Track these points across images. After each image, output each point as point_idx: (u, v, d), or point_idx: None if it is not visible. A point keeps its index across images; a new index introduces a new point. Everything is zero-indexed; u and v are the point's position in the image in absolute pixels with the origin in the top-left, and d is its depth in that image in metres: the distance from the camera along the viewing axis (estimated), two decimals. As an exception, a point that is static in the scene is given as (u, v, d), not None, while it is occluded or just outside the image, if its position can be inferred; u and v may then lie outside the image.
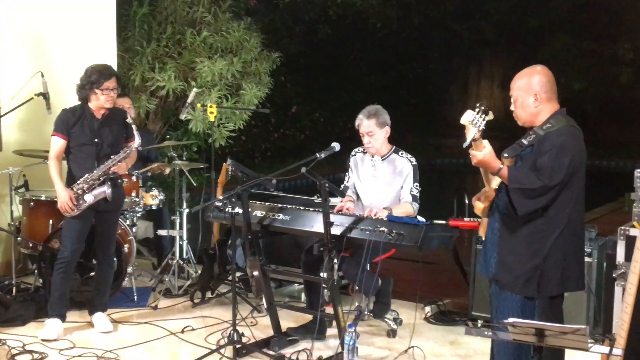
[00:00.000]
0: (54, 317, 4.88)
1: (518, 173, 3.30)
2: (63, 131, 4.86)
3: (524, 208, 3.32)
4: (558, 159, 3.33)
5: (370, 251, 4.28)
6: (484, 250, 3.65)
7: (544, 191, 3.31)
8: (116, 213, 5.09)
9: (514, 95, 3.52)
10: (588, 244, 4.93)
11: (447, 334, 5.11)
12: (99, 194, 4.80)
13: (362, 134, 4.95)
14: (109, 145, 4.90)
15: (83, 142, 4.86)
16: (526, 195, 3.29)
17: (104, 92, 4.79)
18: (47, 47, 6.52)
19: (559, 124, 3.44)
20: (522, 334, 2.74)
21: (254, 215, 4.76)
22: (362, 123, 4.93)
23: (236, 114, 8.26)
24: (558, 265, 3.46)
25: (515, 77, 3.56)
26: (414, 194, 4.92)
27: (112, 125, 4.93)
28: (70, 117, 4.87)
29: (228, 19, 8.55)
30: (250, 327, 4.98)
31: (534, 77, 3.49)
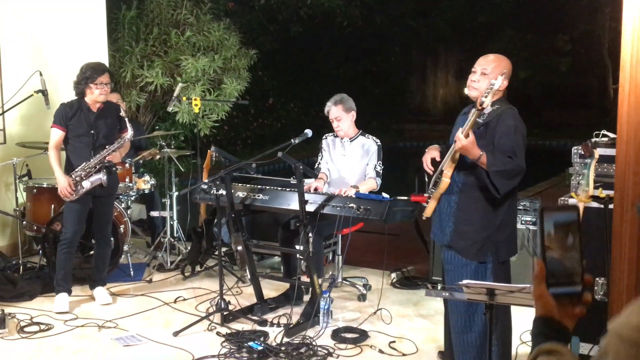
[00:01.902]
0: (62, 292, 4.87)
1: (494, 158, 3.30)
2: (61, 123, 4.82)
3: (504, 188, 3.32)
4: (516, 139, 3.36)
5: (329, 224, 4.39)
6: (438, 221, 3.67)
7: (519, 170, 3.33)
8: (111, 197, 5.05)
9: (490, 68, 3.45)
10: (533, 213, 5.00)
11: (411, 297, 5.16)
12: (95, 180, 4.76)
13: (332, 119, 4.99)
14: (104, 136, 4.85)
15: (80, 133, 4.82)
16: (505, 176, 3.30)
17: (98, 86, 4.74)
18: (45, 48, 6.43)
19: (505, 106, 3.48)
20: (475, 293, 2.78)
21: (236, 196, 4.75)
22: (330, 110, 4.98)
23: (218, 106, 8.22)
24: (507, 234, 3.52)
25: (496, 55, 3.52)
26: (378, 170, 4.98)
27: (107, 118, 4.89)
28: (68, 111, 4.83)
29: (209, 20, 8.48)
30: (235, 296, 5.00)
31: (509, 65, 3.50)
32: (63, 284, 4.88)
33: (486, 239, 3.47)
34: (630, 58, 2.61)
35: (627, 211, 2.74)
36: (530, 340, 1.33)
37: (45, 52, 6.41)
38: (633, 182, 2.68)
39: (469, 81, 3.51)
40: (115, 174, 5.01)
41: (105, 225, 5.00)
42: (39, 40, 6.44)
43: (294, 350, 3.98)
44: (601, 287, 3.43)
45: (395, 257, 5.88)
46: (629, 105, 2.65)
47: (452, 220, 3.57)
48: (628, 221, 2.74)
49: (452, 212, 3.58)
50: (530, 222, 4.97)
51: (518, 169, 3.32)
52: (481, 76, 3.45)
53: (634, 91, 2.61)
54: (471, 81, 3.49)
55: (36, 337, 4.34)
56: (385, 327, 4.49)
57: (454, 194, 3.57)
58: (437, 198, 3.56)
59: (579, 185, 2.99)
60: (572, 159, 3.76)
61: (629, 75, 2.62)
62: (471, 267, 3.52)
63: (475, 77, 3.48)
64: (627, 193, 2.73)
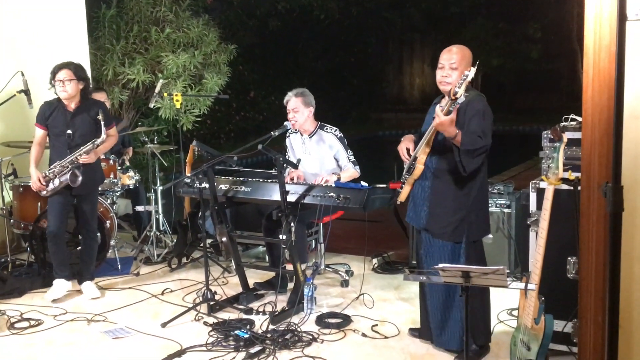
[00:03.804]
0: (59, 278, 4.90)
1: (466, 137, 3.34)
2: (41, 122, 4.80)
3: (470, 166, 3.37)
4: (485, 122, 3.41)
5: (311, 213, 4.43)
6: (413, 205, 3.71)
7: (484, 150, 3.38)
8: (91, 195, 4.94)
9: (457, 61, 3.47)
10: (507, 197, 5.04)
11: (392, 281, 5.19)
12: (64, 180, 4.71)
13: (289, 110, 4.93)
14: (81, 135, 4.77)
15: (57, 132, 4.77)
16: (472, 155, 3.34)
17: (57, 83, 4.69)
18: (26, 48, 6.34)
19: (474, 93, 3.53)
20: (451, 276, 2.80)
21: (219, 189, 4.73)
22: (290, 100, 4.93)
23: (200, 101, 8.19)
24: (478, 215, 3.58)
25: (459, 47, 3.54)
26: (353, 160, 4.96)
27: (85, 117, 4.79)
28: (47, 110, 4.80)
29: (188, 16, 8.43)
30: (221, 286, 4.99)
31: (470, 54, 3.52)
32: (58, 271, 4.91)
33: (460, 221, 3.53)
34: (593, 44, 2.63)
35: (593, 192, 2.77)
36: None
37: (27, 52, 6.32)
38: (598, 164, 2.70)
39: (440, 77, 3.54)
40: (91, 173, 4.86)
41: (88, 222, 4.95)
42: (19, 41, 6.35)
43: (279, 337, 3.98)
44: (573, 266, 3.47)
45: (376, 243, 5.90)
46: (592, 90, 2.67)
47: (426, 204, 3.62)
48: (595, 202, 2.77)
49: (427, 196, 3.62)
50: (505, 205, 5.01)
51: (485, 148, 3.38)
52: (450, 70, 3.49)
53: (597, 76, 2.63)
54: (442, 77, 3.52)
55: (26, 332, 4.31)
56: (368, 312, 4.50)
57: (428, 179, 3.61)
58: (411, 183, 3.63)
59: (549, 169, 3.01)
60: (542, 143, 3.78)
61: (592, 61, 2.64)
62: (447, 247, 3.58)
63: (444, 72, 3.52)
64: (593, 175, 2.75)
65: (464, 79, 3.20)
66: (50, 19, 6.57)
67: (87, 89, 4.84)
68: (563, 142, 3.01)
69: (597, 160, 2.71)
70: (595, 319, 2.86)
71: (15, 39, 6.33)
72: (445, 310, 3.66)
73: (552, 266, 3.37)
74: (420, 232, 3.74)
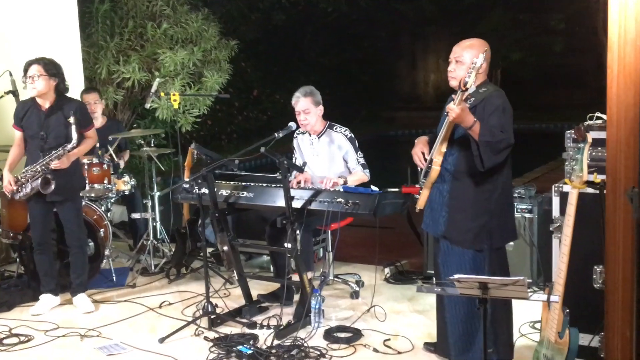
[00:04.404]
0: (45, 293, 4.95)
1: (485, 129, 3.33)
2: (17, 122, 4.84)
3: (490, 161, 3.36)
4: (504, 118, 3.41)
5: (317, 220, 4.43)
6: (430, 211, 3.70)
7: (505, 145, 3.37)
8: (70, 202, 4.90)
9: (464, 56, 3.49)
10: (528, 201, 5.02)
11: (406, 292, 5.17)
12: (35, 186, 4.71)
13: (298, 111, 4.94)
14: (56, 137, 4.73)
15: (31, 134, 4.78)
16: (492, 149, 3.34)
17: (27, 80, 4.69)
18: (14, 46, 6.37)
19: (493, 88, 3.53)
20: (468, 288, 2.79)
21: (220, 194, 4.74)
22: (299, 101, 4.93)
23: (200, 100, 8.20)
24: (500, 220, 3.57)
25: (469, 40, 3.56)
26: (362, 163, 4.97)
27: (60, 118, 4.75)
28: (21, 110, 4.83)
29: (186, 10, 8.45)
30: (223, 298, 4.99)
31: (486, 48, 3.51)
32: (45, 285, 4.97)
33: (481, 227, 3.51)
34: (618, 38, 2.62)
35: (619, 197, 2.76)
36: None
37: (15, 51, 6.34)
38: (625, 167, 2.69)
39: (448, 72, 3.55)
40: (70, 177, 4.84)
41: (72, 230, 4.94)
42: (7, 39, 6.38)
43: (285, 353, 3.98)
44: (599, 276, 3.45)
45: (388, 251, 5.89)
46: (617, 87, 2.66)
47: (445, 210, 3.61)
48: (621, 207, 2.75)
49: (445, 201, 3.61)
50: (526, 209, 4.99)
51: (506, 143, 3.36)
52: (456, 64, 3.52)
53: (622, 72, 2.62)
54: (449, 72, 3.57)
55: (16, 349, 4.32)
56: (380, 325, 4.50)
57: (446, 182, 3.60)
58: (428, 187, 3.60)
59: (573, 171, 3.00)
60: (566, 143, 3.78)
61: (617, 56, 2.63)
62: (468, 256, 3.56)
63: (451, 66, 3.57)
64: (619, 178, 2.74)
65: (473, 67, 3.21)
66: (40, 15, 6.60)
67: (61, 86, 4.80)
68: (587, 142, 3.00)
69: (623, 162, 2.70)
70: (623, 333, 2.85)
71: (3, 37, 6.36)
72: (467, 323, 3.62)
73: (577, 276, 3.36)
74: (439, 239, 3.72)
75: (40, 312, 4.91)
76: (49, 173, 4.70)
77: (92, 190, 5.73)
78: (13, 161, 4.87)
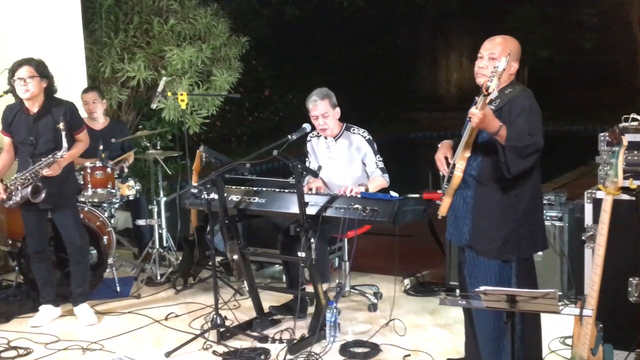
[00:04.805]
0: (45, 304, 4.98)
1: (512, 132, 3.31)
2: (5, 128, 4.85)
3: (517, 167, 3.34)
4: (533, 120, 3.39)
5: (333, 227, 4.41)
6: (453, 219, 3.68)
7: (534, 150, 3.34)
8: (65, 207, 4.91)
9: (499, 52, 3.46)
10: (558, 208, 4.99)
11: (427, 305, 5.15)
12: (25, 194, 4.72)
13: (316, 116, 4.91)
14: (46, 142, 4.73)
15: (21, 140, 4.79)
16: (519, 154, 3.32)
17: (17, 82, 4.67)
18: (13, 44, 6.41)
19: (519, 89, 3.50)
20: (495, 301, 2.77)
21: (230, 200, 4.75)
22: (317, 105, 4.90)
23: (208, 100, 8.24)
24: (529, 229, 3.54)
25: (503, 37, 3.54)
26: (381, 167, 4.95)
27: (49, 121, 4.74)
28: (8, 115, 4.83)
29: (194, 5, 8.50)
30: (233, 311, 4.99)
31: (517, 45, 3.51)
32: (44, 295, 5.00)
33: (508, 235, 3.49)
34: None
35: (659, 204, 2.73)
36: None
37: (14, 49, 6.39)
38: (665, 172, 2.66)
39: (477, 68, 3.54)
40: (63, 183, 4.85)
41: (71, 237, 4.96)
42: (6, 36, 6.43)
43: (298, 369, 3.97)
44: (635, 289, 3.42)
45: (408, 261, 5.87)
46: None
47: (469, 218, 3.59)
48: (660, 215, 2.72)
49: (469, 208, 3.59)
50: (556, 217, 4.96)
51: (535, 147, 3.33)
52: (489, 61, 3.48)
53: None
54: (479, 68, 3.53)
55: (14, 363, 4.35)
56: (399, 340, 4.48)
57: (469, 188, 3.58)
58: (451, 194, 3.57)
59: (607, 176, 2.98)
60: (599, 146, 3.75)
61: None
62: (494, 267, 3.53)
63: (482, 62, 3.52)
64: (659, 184, 2.71)
65: (495, 71, 3.19)
66: (41, 11, 6.65)
67: (51, 88, 4.81)
68: (623, 145, 2.98)
69: (663, 167, 2.67)
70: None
71: (3, 34, 6.41)
72: (495, 339, 3.59)
73: (611, 288, 3.33)
74: (463, 249, 3.71)
75: (40, 323, 4.93)
76: (39, 181, 4.70)
77: (95, 195, 5.75)
78: (3, 168, 4.88)
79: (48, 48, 6.31)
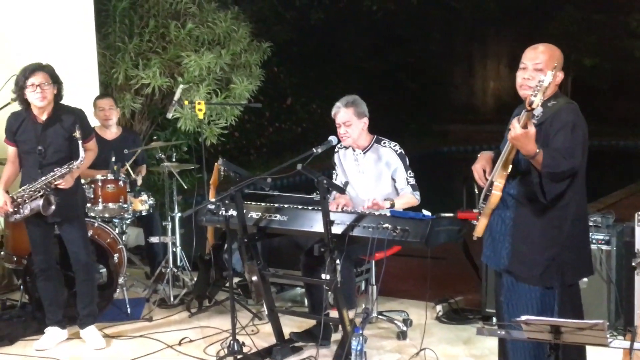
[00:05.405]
0: (51, 326, 5.01)
1: (548, 157, 3.30)
2: (10, 137, 4.88)
3: (552, 192, 3.35)
4: (574, 138, 3.37)
5: (360, 248, 4.40)
6: (491, 241, 3.66)
7: (570, 173, 3.34)
8: (73, 220, 4.96)
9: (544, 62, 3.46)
10: (606, 230, 4.94)
11: (461, 333, 5.12)
12: (35, 207, 4.75)
13: (339, 124, 4.97)
14: (55, 152, 4.80)
15: (27, 149, 4.83)
16: (554, 178, 3.32)
17: (30, 89, 4.70)
18: (22, 48, 6.49)
19: (564, 101, 3.48)
20: (537, 331, 2.75)
21: (249, 217, 4.76)
22: (339, 112, 4.96)
23: (227, 110, 8.28)
24: (573, 253, 3.52)
25: (547, 46, 3.54)
26: (412, 183, 4.94)
27: (58, 130, 4.81)
28: (14, 123, 4.86)
29: (214, 9, 8.56)
30: (251, 336, 4.99)
31: (561, 55, 3.50)
32: (51, 317, 5.03)
33: (551, 260, 3.47)
34: None
35: None
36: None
37: (23, 53, 6.47)
38: None
39: (520, 79, 3.53)
40: (73, 195, 4.90)
41: (78, 254, 4.99)
42: (15, 40, 6.52)
43: (321, 401, 3.96)
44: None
45: (440, 285, 5.84)
46: None
47: (507, 240, 3.58)
48: None
49: (508, 230, 3.58)
50: (603, 241, 4.91)
51: (572, 171, 3.33)
52: (534, 72, 3.47)
53: None
54: (523, 79, 3.51)
55: (18, 388, 4.39)
56: (430, 371, 4.46)
57: (508, 208, 3.57)
58: (488, 214, 3.56)
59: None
60: (652, 164, 3.71)
61: None
62: (535, 294, 3.51)
63: (527, 73, 3.50)
64: None
65: (540, 86, 3.17)
66: (52, 13, 6.73)
67: (60, 94, 4.87)
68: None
69: None
70: None
71: (12, 38, 6.50)
72: None
73: (664, 319, 3.29)
74: (501, 274, 3.68)
75: (45, 347, 4.96)
76: (51, 193, 4.75)
77: (106, 210, 5.79)
78: (8, 180, 4.92)
79: (59, 52, 6.39)
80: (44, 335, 5.03)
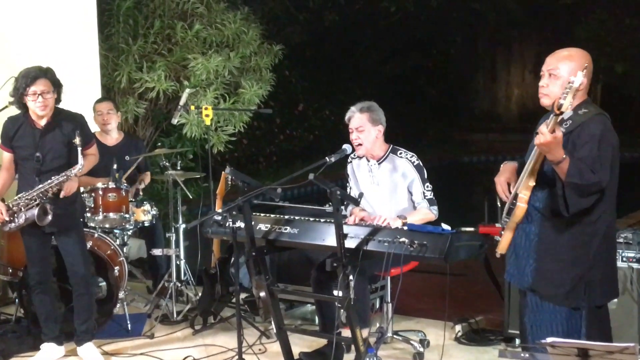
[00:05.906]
0: (47, 342, 5.01)
1: (573, 167, 3.29)
2: (6, 143, 4.90)
3: (576, 206, 3.35)
4: (602, 151, 3.37)
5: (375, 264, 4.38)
6: (514, 258, 3.65)
7: (596, 188, 3.34)
8: (70, 231, 4.97)
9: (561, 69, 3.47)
10: (637, 248, 4.92)
11: (481, 355, 5.10)
12: (30, 216, 4.76)
13: (351, 129, 4.98)
14: (54, 158, 4.81)
15: (24, 155, 4.84)
16: (579, 192, 3.32)
17: (31, 97, 4.71)
18: (21, 49, 6.53)
19: (594, 111, 3.48)
20: (563, 354, 2.73)
21: (258, 229, 4.75)
22: (353, 116, 4.97)
23: (235, 116, 8.29)
24: (602, 271, 3.52)
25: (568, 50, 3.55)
26: (429, 198, 4.93)
27: (57, 136, 4.82)
28: (11, 128, 4.88)
29: (223, 9, 8.59)
30: (258, 355, 4.99)
31: (587, 62, 3.48)
32: (47, 332, 5.03)
33: (579, 279, 3.47)
34: None
35: None
36: None
37: (22, 55, 6.52)
38: None
39: (539, 88, 3.52)
40: (71, 204, 4.92)
41: (74, 266, 4.99)
42: (15, 40, 6.56)
43: None
44: None
45: (460, 304, 5.84)
46: None
47: (532, 257, 3.58)
48: None
49: (532, 246, 3.58)
50: (634, 259, 4.88)
51: (597, 186, 3.33)
52: (550, 79, 3.48)
53: None
54: (540, 87, 3.52)
55: (11, 408, 4.39)
56: (449, 395, 4.44)
57: (533, 223, 3.56)
58: (512, 229, 3.55)
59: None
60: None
61: None
62: (561, 314, 3.51)
63: (543, 81, 3.53)
64: None
65: (569, 87, 3.16)
66: (52, 13, 6.77)
67: (58, 98, 4.88)
68: None
69: None
70: None
71: (10, 38, 6.54)
72: None
73: (699, 343, 3.26)
74: (525, 293, 3.67)
75: None
76: (48, 202, 4.77)
77: (107, 220, 5.81)
78: (3, 187, 4.94)
79: (59, 54, 6.43)
80: (39, 352, 5.04)
